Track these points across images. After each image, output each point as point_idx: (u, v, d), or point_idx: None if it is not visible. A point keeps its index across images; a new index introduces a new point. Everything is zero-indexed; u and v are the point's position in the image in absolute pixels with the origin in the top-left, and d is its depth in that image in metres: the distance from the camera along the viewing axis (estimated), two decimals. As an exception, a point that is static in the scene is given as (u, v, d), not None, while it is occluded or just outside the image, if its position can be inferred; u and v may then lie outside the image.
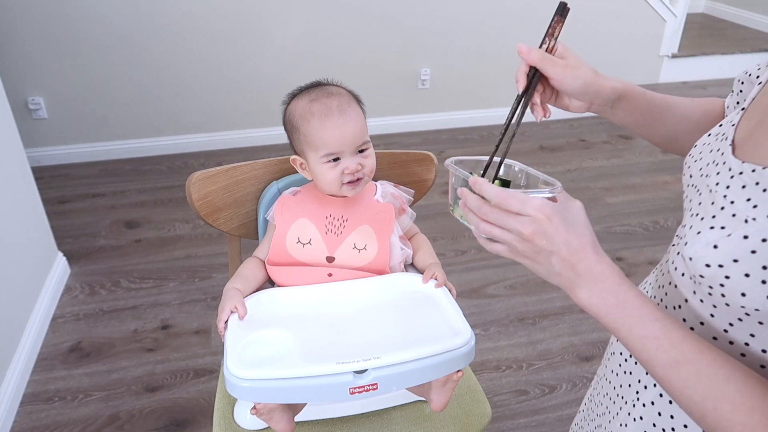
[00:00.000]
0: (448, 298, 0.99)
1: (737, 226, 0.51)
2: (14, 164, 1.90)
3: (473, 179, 0.59)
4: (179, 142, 3.07)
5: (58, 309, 2.03)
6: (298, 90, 1.03)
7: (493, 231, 0.58)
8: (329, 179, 0.98)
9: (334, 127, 0.95)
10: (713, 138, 0.63)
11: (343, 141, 0.95)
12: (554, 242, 0.56)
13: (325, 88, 1.01)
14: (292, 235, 1.02)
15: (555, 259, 0.56)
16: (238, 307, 0.93)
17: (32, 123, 2.84)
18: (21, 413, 1.65)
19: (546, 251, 0.56)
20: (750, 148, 0.55)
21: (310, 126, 0.96)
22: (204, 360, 1.83)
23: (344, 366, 0.83)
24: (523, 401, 1.72)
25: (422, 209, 2.58)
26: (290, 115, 1.00)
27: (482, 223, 0.59)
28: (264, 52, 2.96)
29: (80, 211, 2.60)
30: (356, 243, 1.02)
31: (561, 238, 0.56)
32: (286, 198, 1.05)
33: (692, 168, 0.64)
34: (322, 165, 0.97)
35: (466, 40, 3.18)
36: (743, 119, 0.60)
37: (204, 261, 2.28)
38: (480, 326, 1.97)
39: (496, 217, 0.57)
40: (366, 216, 1.03)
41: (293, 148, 1.03)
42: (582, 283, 0.56)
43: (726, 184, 0.55)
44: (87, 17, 2.68)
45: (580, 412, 0.95)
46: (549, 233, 0.55)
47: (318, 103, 0.97)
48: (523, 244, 0.57)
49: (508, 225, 0.56)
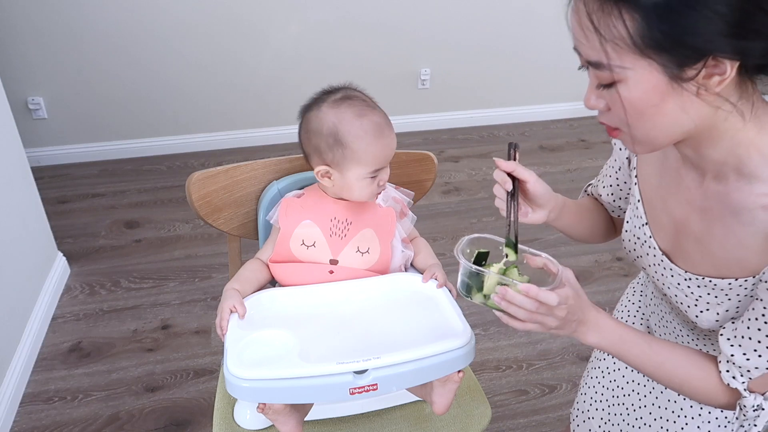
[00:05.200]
0: (449, 298, 0.99)
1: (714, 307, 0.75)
2: (14, 164, 1.90)
3: (525, 287, 0.71)
4: (179, 142, 3.07)
5: (58, 309, 2.03)
6: (323, 95, 1.00)
7: (537, 318, 0.73)
8: (367, 193, 1.00)
9: (385, 147, 0.97)
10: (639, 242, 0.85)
11: (388, 156, 0.99)
12: (576, 313, 0.74)
13: (361, 100, 0.99)
14: (297, 238, 1.02)
15: (575, 323, 0.75)
16: (237, 307, 0.93)
17: (32, 123, 2.84)
18: (21, 413, 1.65)
19: (571, 321, 0.74)
20: (686, 259, 0.78)
21: (362, 143, 0.95)
22: (204, 360, 1.83)
23: (344, 366, 0.83)
24: (523, 401, 1.72)
25: (422, 209, 2.59)
26: (334, 127, 0.96)
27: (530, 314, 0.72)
28: (263, 53, 2.96)
29: (80, 211, 2.60)
30: (359, 246, 1.03)
31: (578, 307, 0.74)
32: (290, 200, 1.04)
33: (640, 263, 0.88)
34: (364, 180, 0.98)
35: (466, 40, 3.18)
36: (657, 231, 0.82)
37: (204, 261, 2.28)
38: (480, 326, 1.97)
39: (545, 310, 0.72)
40: (369, 220, 1.04)
41: (320, 157, 0.99)
42: (591, 331, 0.76)
43: (686, 285, 0.78)
44: (87, 17, 2.68)
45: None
46: (574, 309, 0.74)
47: (367, 120, 0.96)
48: (558, 322, 0.73)
49: (552, 312, 0.72)
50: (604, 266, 2.27)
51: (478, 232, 0.85)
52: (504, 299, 0.73)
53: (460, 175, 2.90)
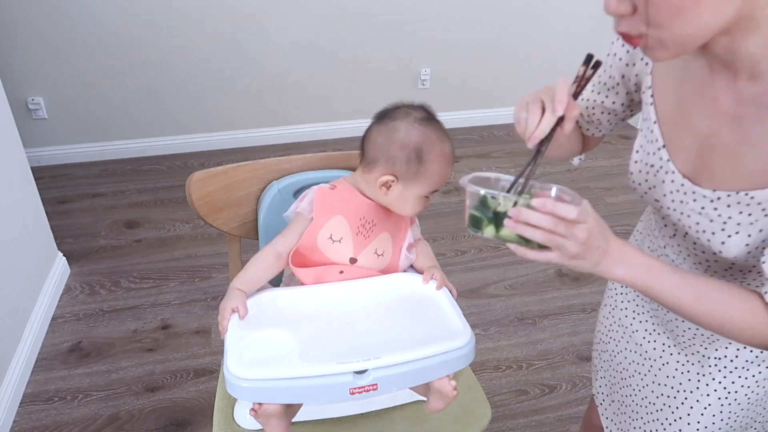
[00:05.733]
0: (449, 298, 0.99)
1: (746, 228, 0.70)
2: (14, 164, 1.90)
3: (541, 201, 0.65)
4: (179, 142, 3.07)
5: (58, 309, 2.03)
6: (409, 111, 1.01)
7: (557, 240, 0.66)
8: (417, 209, 1.04)
9: (449, 173, 1.03)
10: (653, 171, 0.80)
11: (444, 182, 1.03)
12: (599, 240, 0.67)
13: (440, 124, 1.03)
14: (326, 231, 1.01)
15: (598, 252, 0.68)
16: (239, 308, 0.93)
17: (32, 123, 2.84)
18: (21, 413, 1.65)
19: (594, 248, 0.67)
20: (713, 178, 0.72)
21: (437, 166, 1.00)
22: (204, 360, 1.83)
23: (344, 366, 0.83)
24: (523, 401, 1.72)
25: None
26: (419, 146, 0.98)
27: (550, 235, 0.65)
28: (264, 53, 2.96)
29: (80, 211, 2.60)
30: (377, 248, 1.04)
31: (601, 235, 0.67)
32: (325, 191, 1.03)
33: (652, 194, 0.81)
34: (421, 198, 1.02)
35: (466, 40, 3.18)
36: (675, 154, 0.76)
37: (204, 261, 2.28)
38: (480, 326, 1.97)
39: (564, 229, 0.65)
40: (388, 224, 1.05)
41: (388, 165, 0.99)
42: (617, 264, 0.69)
43: (712, 207, 0.72)
44: (87, 17, 2.68)
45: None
46: (596, 234, 0.67)
47: (447, 145, 1.02)
48: (579, 247, 0.66)
49: (572, 233, 0.65)
50: (604, 266, 2.27)
51: None
52: (518, 221, 0.66)
53: (460, 175, 2.89)
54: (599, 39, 3.41)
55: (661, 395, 0.94)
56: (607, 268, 0.69)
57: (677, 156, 0.76)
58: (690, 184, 0.74)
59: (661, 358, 0.93)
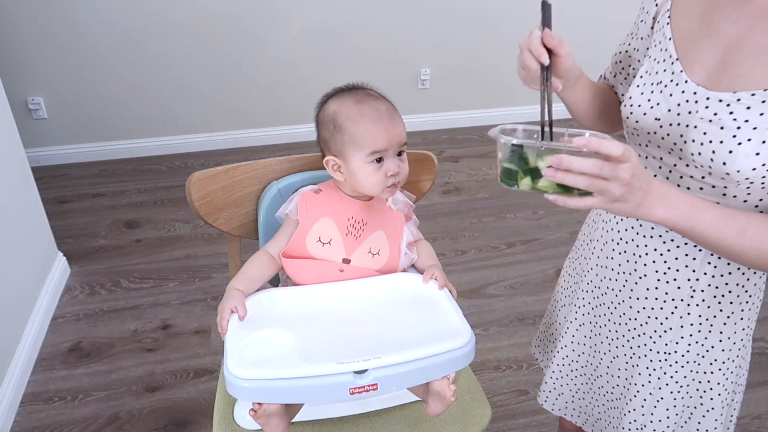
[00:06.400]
0: (449, 298, 0.99)
1: (761, 134, 0.68)
2: (14, 164, 1.90)
3: (584, 139, 0.62)
4: (179, 142, 3.07)
5: (58, 309, 2.03)
6: (335, 91, 1.03)
7: (601, 184, 0.63)
8: (373, 181, 0.98)
9: (385, 129, 0.97)
10: (658, 88, 0.79)
11: (390, 141, 0.98)
12: (641, 179, 0.65)
13: (367, 91, 1.02)
14: (314, 234, 1.01)
15: (640, 193, 0.66)
16: (239, 308, 0.93)
17: (32, 123, 2.84)
18: (21, 413, 1.65)
19: (636, 188, 0.65)
20: (735, 81, 0.71)
21: (359, 126, 0.97)
22: (204, 360, 1.83)
23: (344, 366, 0.83)
24: (523, 401, 1.72)
25: (422, 209, 2.59)
26: (334, 114, 0.99)
27: (594, 180, 0.63)
28: (264, 53, 2.96)
29: (80, 211, 2.60)
30: (371, 247, 1.03)
31: (642, 174, 0.65)
32: (309, 195, 1.03)
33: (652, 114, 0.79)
34: (367, 165, 0.98)
35: (466, 40, 3.18)
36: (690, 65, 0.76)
37: (204, 261, 2.28)
38: (480, 326, 1.97)
39: (609, 171, 0.62)
40: (381, 222, 1.04)
41: (328, 148, 1.01)
42: (659, 204, 0.68)
43: (727, 111, 0.71)
44: (87, 17, 2.68)
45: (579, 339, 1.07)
46: (639, 174, 0.64)
47: (366, 105, 0.98)
48: (622, 188, 0.63)
49: (616, 174, 0.62)
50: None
51: (479, 232, 0.81)
52: (560, 168, 0.63)
53: (460, 175, 2.90)
54: (599, 39, 3.42)
55: (615, 386, 1.00)
56: (649, 209, 0.68)
57: (691, 67, 0.76)
58: (704, 90, 0.73)
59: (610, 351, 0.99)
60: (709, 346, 0.89)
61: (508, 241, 2.39)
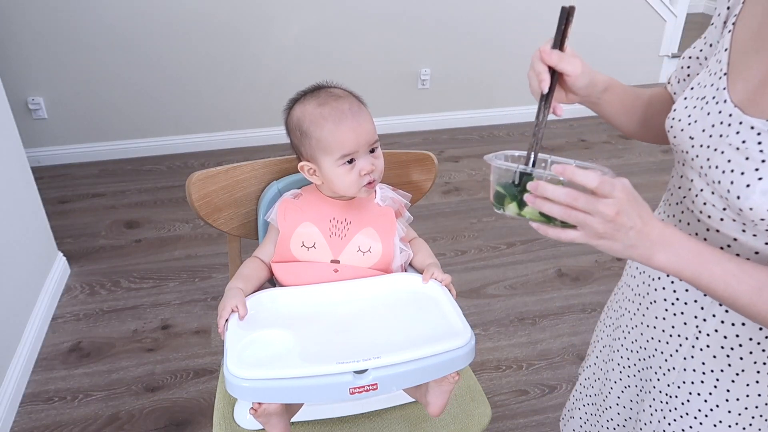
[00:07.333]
0: (448, 298, 0.99)
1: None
2: (14, 164, 1.90)
3: (561, 168, 0.60)
4: (179, 142, 3.07)
5: (58, 309, 2.03)
6: (299, 95, 1.01)
7: (578, 216, 0.60)
8: (348, 182, 0.97)
9: (350, 129, 0.95)
10: (700, 104, 0.71)
11: (358, 141, 0.95)
12: (632, 218, 0.60)
13: (329, 91, 0.99)
14: (297, 240, 1.01)
15: (632, 233, 0.61)
16: (239, 307, 0.93)
17: (32, 123, 2.84)
18: (21, 413, 1.65)
19: (626, 227, 0.60)
20: (765, 107, 0.63)
21: (323, 130, 0.95)
22: (204, 360, 1.83)
23: (344, 366, 0.83)
24: (523, 401, 1.72)
25: (422, 209, 2.59)
26: (298, 121, 0.98)
27: (570, 211, 0.60)
28: (264, 53, 2.96)
29: (80, 211, 2.60)
30: (360, 245, 1.02)
31: (636, 213, 0.61)
32: (288, 201, 1.04)
33: (687, 131, 0.71)
34: (338, 168, 0.96)
35: (466, 40, 3.18)
36: (734, 82, 0.68)
37: (204, 261, 2.28)
38: (480, 326, 1.97)
39: (585, 203, 0.59)
40: (369, 218, 1.04)
41: (300, 154, 1.01)
42: (659, 249, 0.62)
43: (756, 141, 0.62)
44: (87, 17, 2.68)
45: (588, 369, 1.02)
46: (628, 211, 0.60)
47: (328, 107, 0.96)
48: (606, 225, 0.60)
49: (595, 208, 0.59)
50: (604, 266, 2.27)
51: (479, 232, 0.81)
52: (536, 195, 0.61)
53: (460, 175, 2.90)
54: (599, 39, 3.42)
55: (628, 419, 0.94)
56: (646, 253, 0.62)
57: (735, 85, 0.68)
58: (739, 113, 0.65)
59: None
60: (714, 405, 0.77)
61: (508, 241, 2.39)
